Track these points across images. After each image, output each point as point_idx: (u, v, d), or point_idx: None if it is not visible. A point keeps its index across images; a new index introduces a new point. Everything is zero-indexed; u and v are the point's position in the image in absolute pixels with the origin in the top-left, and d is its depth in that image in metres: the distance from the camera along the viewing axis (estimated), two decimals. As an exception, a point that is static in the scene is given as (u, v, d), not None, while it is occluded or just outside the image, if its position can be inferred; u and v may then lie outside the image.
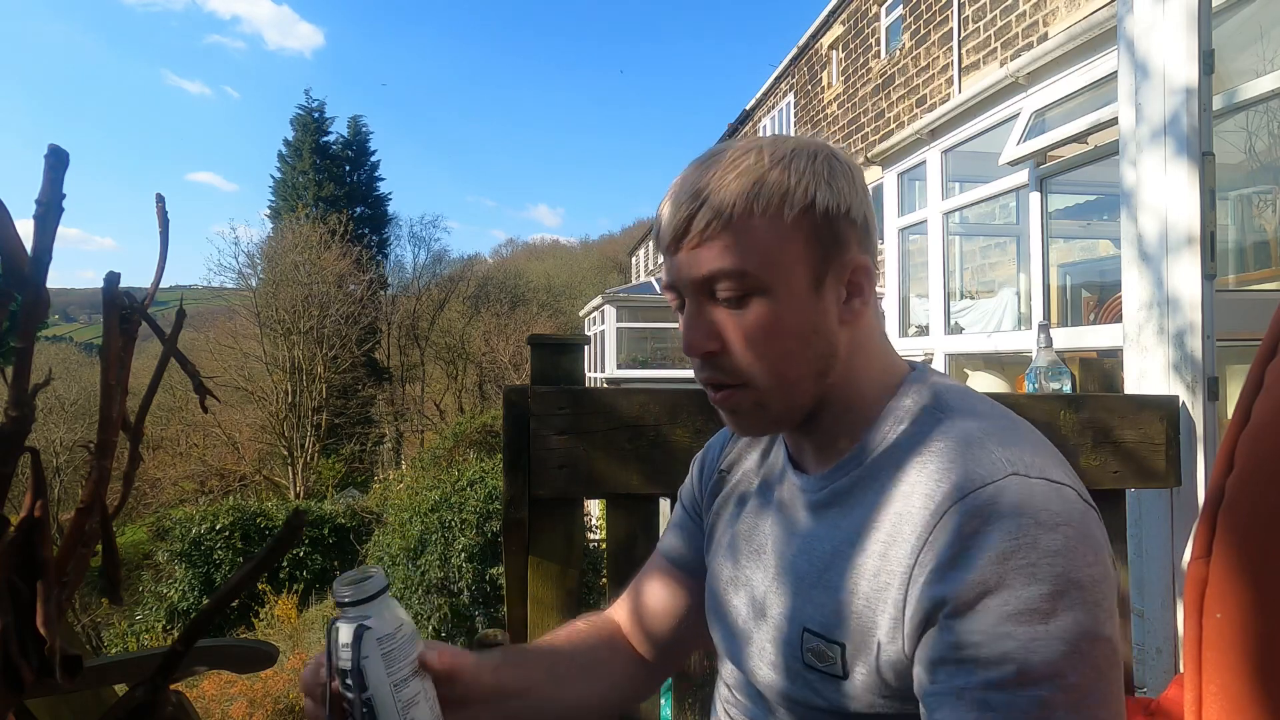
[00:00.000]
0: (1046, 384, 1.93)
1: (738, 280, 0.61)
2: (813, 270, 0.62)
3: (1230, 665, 0.39)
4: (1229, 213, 3.35)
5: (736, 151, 0.63)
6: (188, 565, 10.98)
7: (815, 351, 0.64)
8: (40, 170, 0.23)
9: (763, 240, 0.61)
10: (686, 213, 0.62)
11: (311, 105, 27.92)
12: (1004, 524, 0.53)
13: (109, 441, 0.25)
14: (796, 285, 0.62)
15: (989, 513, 0.54)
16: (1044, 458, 0.58)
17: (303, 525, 0.24)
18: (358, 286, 22.77)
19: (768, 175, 0.61)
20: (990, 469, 0.56)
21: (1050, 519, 0.53)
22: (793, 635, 0.65)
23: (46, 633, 0.23)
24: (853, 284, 0.65)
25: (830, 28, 13.08)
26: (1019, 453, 0.57)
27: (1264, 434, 0.40)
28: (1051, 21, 7.58)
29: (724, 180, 0.61)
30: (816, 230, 0.62)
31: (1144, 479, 1.44)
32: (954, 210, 5.27)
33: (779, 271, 0.61)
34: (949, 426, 0.61)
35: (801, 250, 0.62)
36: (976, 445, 0.58)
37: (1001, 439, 0.59)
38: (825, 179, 0.62)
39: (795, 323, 0.63)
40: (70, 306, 74.38)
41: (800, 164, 0.62)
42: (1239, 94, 2.72)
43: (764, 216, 0.61)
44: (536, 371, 1.24)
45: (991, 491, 0.54)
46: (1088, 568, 0.52)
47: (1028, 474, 0.55)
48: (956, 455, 0.58)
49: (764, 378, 0.64)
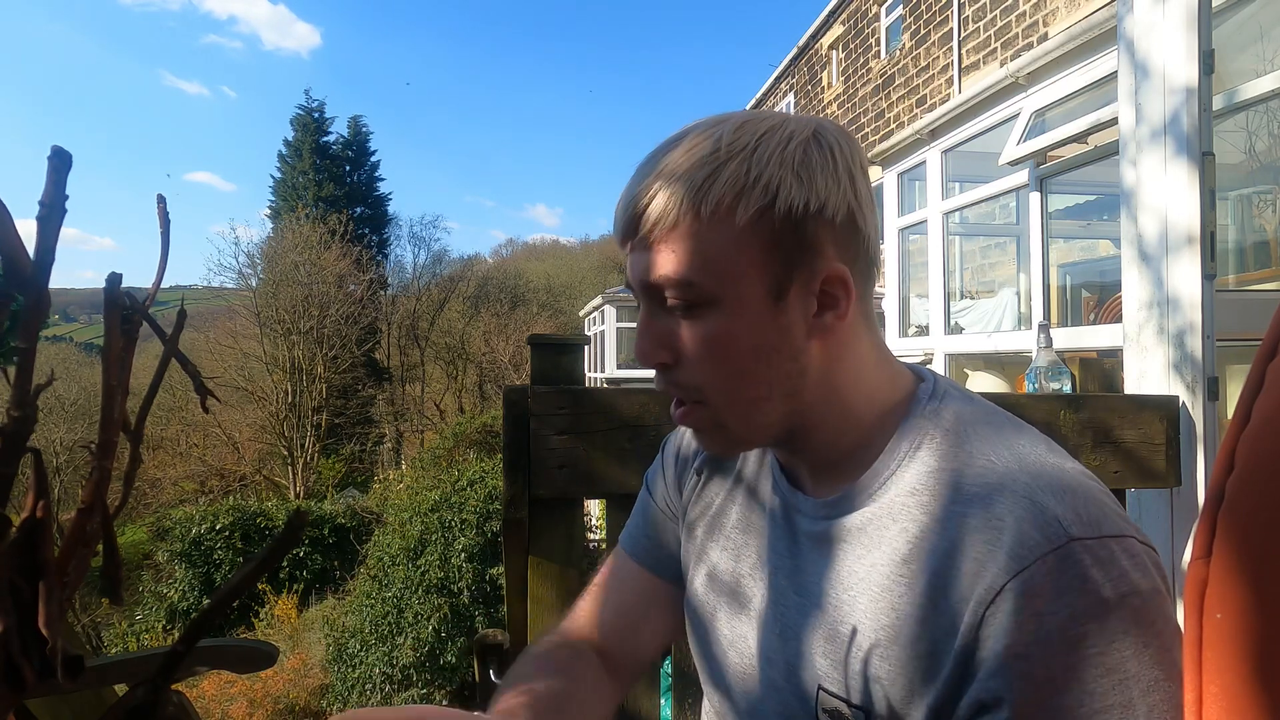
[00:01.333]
0: (1046, 384, 1.94)
1: (683, 290, 0.54)
2: (772, 280, 0.53)
3: (1230, 665, 0.39)
4: (1229, 213, 3.35)
5: (696, 136, 0.54)
6: (188, 565, 10.98)
7: (778, 370, 0.55)
8: (38, 170, 0.23)
9: (711, 246, 0.52)
10: (631, 211, 0.55)
11: (311, 105, 27.94)
12: (1066, 607, 0.45)
13: (110, 442, 0.25)
14: (751, 297, 0.53)
15: (1048, 594, 0.45)
16: (1099, 500, 0.50)
17: (304, 525, 0.24)
18: (358, 286, 22.78)
19: (722, 169, 0.52)
20: (1046, 532, 0.47)
21: (1118, 590, 0.45)
22: (804, 690, 0.57)
23: (48, 633, 0.23)
24: (825, 295, 0.55)
25: (830, 28, 13.08)
26: (1073, 503, 0.49)
27: (1264, 434, 0.40)
28: (1051, 21, 7.58)
29: (674, 175, 0.53)
30: (776, 234, 0.52)
31: (1144, 479, 1.44)
32: (954, 210, 5.28)
33: (729, 282, 0.53)
34: (982, 464, 0.52)
35: (758, 257, 0.53)
36: (1024, 497, 0.49)
37: (1051, 485, 0.50)
38: (793, 171, 0.52)
39: (750, 339, 0.54)
40: (70, 306, 74.40)
41: (764, 153, 0.52)
42: (1239, 94, 2.72)
43: (714, 219, 0.52)
44: (536, 371, 1.24)
45: (1052, 563, 0.46)
46: (1168, 638, 0.46)
47: (1086, 535, 0.47)
48: (1006, 511, 0.49)
49: (719, 396, 0.56)
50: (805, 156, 0.53)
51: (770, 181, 0.52)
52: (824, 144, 0.54)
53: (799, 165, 0.53)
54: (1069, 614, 0.45)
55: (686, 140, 0.54)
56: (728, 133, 0.53)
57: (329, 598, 11.01)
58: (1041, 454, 0.53)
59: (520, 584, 1.23)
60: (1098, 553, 0.46)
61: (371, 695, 7.34)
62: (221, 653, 0.43)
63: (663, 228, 0.53)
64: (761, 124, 0.54)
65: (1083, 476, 0.52)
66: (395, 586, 7.77)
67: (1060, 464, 0.53)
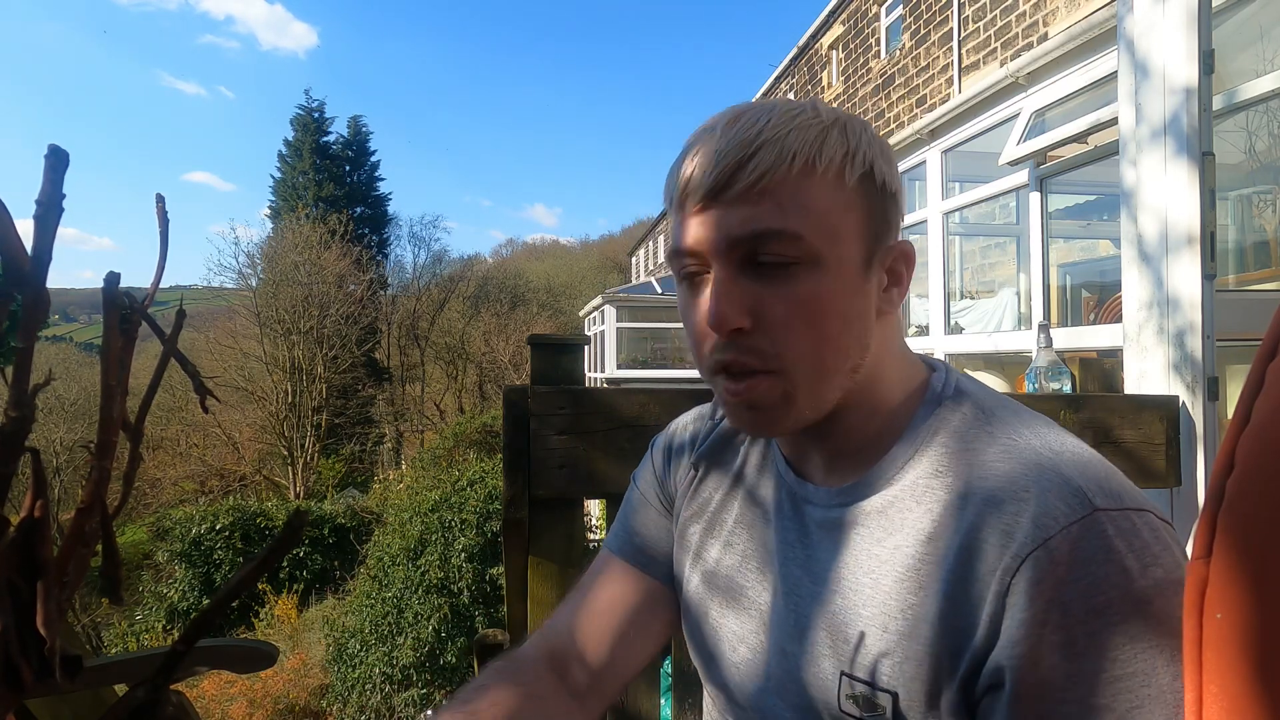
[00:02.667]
0: (1046, 384, 1.94)
1: (791, 244, 0.51)
2: (865, 247, 0.54)
3: (1230, 666, 0.39)
4: (1229, 213, 3.35)
5: (787, 104, 0.54)
6: (188, 565, 10.98)
7: (857, 342, 0.55)
8: (37, 171, 0.23)
9: (824, 202, 0.52)
10: (736, 159, 0.51)
11: (311, 105, 27.95)
12: (1088, 575, 0.45)
13: (109, 442, 0.25)
14: (850, 260, 0.53)
15: (1071, 562, 0.46)
16: (1118, 476, 0.50)
17: (304, 525, 0.24)
18: (358, 286, 22.78)
19: (829, 132, 0.53)
20: (1070, 502, 0.47)
21: (1141, 561, 0.46)
22: (824, 680, 0.55)
23: (47, 633, 0.23)
24: (893, 271, 0.57)
25: (830, 28, 13.08)
26: (1095, 476, 0.49)
27: (1264, 434, 0.40)
28: (1051, 21, 7.58)
29: (783, 130, 0.52)
30: (873, 204, 0.54)
31: (1144, 479, 1.44)
32: (954, 210, 5.28)
33: (836, 241, 0.52)
34: (1004, 444, 0.53)
35: (860, 222, 0.54)
36: (1049, 469, 0.49)
37: (1073, 461, 0.50)
38: (880, 150, 0.55)
39: (842, 304, 0.53)
40: (70, 306, 74.38)
41: (855, 129, 0.54)
42: (1239, 94, 2.72)
43: (826, 176, 0.52)
44: (536, 371, 1.24)
45: (1076, 533, 0.46)
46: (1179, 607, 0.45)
47: (1109, 506, 0.47)
48: (1030, 484, 0.49)
49: (800, 363, 0.53)
50: (883, 142, 0.57)
51: (867, 153, 0.54)
52: (886, 143, 0.58)
53: (882, 146, 0.56)
54: (1091, 581, 0.45)
55: (780, 107, 0.54)
56: (819, 105, 0.55)
57: (329, 598, 11.01)
58: (1060, 435, 0.54)
59: (520, 584, 1.23)
60: (1120, 523, 0.46)
61: (371, 695, 7.34)
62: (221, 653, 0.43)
63: (773, 179, 0.51)
64: (829, 108, 0.56)
65: (1099, 456, 0.52)
66: (395, 586, 7.77)
67: (1078, 444, 0.53)
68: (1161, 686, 0.44)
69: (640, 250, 32.30)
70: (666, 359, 14.25)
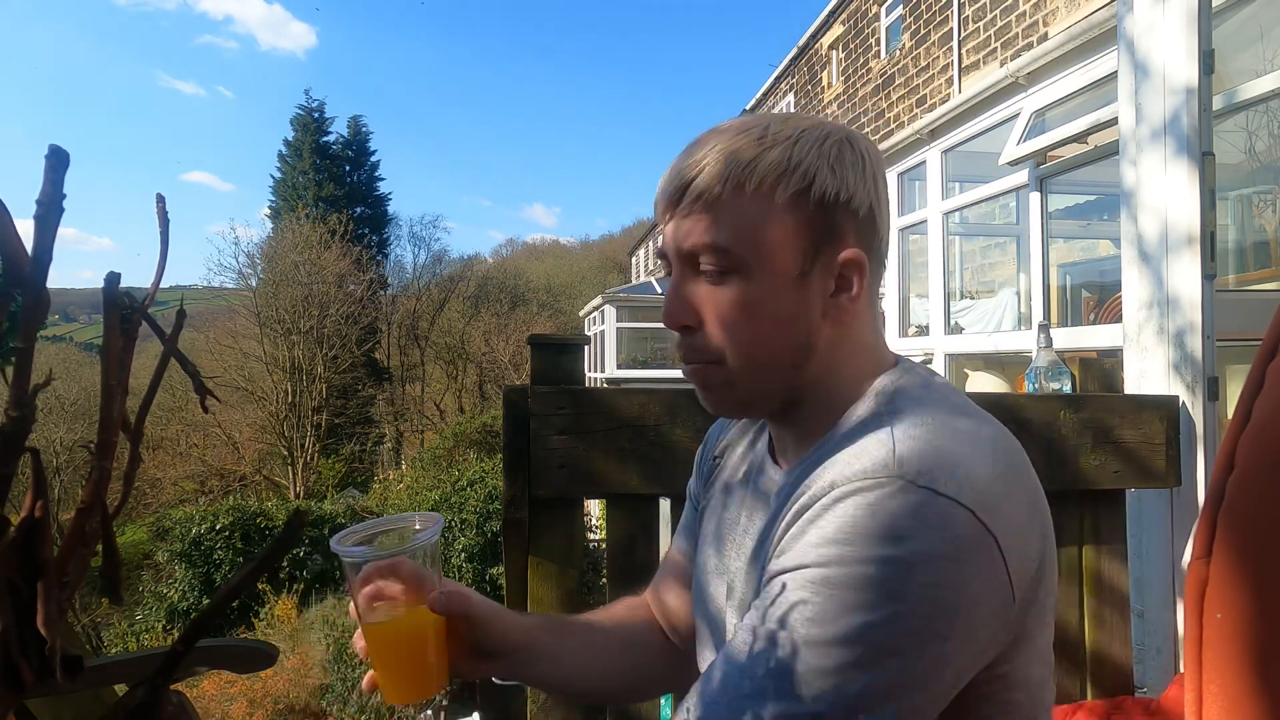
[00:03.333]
0: (1046, 384, 1.93)
1: (719, 256, 0.60)
2: (800, 257, 0.60)
3: (1230, 665, 0.39)
4: (1229, 213, 3.35)
5: (745, 124, 0.61)
6: (188, 565, 10.97)
7: (792, 341, 0.62)
8: (36, 170, 0.23)
9: (750, 219, 0.59)
10: (679, 182, 0.61)
11: (311, 105, 27.95)
12: (846, 515, 0.52)
13: (109, 442, 0.25)
14: (779, 269, 0.60)
15: (840, 501, 0.52)
16: (952, 468, 0.52)
17: (304, 525, 0.24)
18: (358, 286, 22.78)
19: (767, 153, 0.59)
20: (876, 468, 0.53)
21: (903, 530, 0.50)
22: (728, 628, 0.66)
23: (47, 633, 0.23)
24: (842, 277, 0.62)
25: (830, 28, 13.08)
26: (925, 459, 0.53)
27: (1264, 434, 0.40)
28: (1051, 21, 7.58)
29: (722, 153, 0.59)
30: (809, 216, 0.60)
31: (1144, 479, 1.44)
32: (954, 210, 5.28)
33: (762, 252, 0.59)
34: (885, 426, 0.58)
35: (790, 234, 0.60)
36: (885, 447, 0.54)
37: (919, 443, 0.54)
38: (830, 164, 0.59)
39: (773, 307, 0.61)
40: (70, 306, 74.37)
41: (805, 145, 0.59)
42: (1239, 94, 2.72)
43: (755, 195, 0.59)
44: (536, 371, 1.24)
45: (861, 486, 0.52)
46: (923, 587, 0.50)
47: (914, 480, 0.51)
48: (861, 453, 0.55)
49: (735, 358, 0.62)
50: (839, 153, 0.60)
51: (809, 169, 0.59)
52: (856, 147, 0.62)
53: (834, 159, 0.60)
54: (842, 520, 0.51)
55: (735, 127, 0.61)
56: (775, 124, 0.61)
57: (329, 598, 11.00)
58: (941, 427, 0.56)
59: (520, 584, 1.23)
60: (911, 496, 0.51)
61: (372, 695, 7.33)
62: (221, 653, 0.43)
63: (708, 198, 0.60)
64: (804, 121, 0.61)
65: (969, 448, 0.55)
66: (395, 586, 7.76)
67: (958, 435, 0.56)
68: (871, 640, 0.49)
69: (640, 250, 32.30)
70: (666, 359, 14.25)
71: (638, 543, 1.26)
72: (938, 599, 0.50)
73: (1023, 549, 0.54)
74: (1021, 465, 0.58)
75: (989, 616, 0.52)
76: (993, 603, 0.52)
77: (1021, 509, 0.55)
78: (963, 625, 0.51)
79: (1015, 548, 0.53)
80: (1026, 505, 0.56)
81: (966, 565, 0.51)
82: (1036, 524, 0.57)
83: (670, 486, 1.21)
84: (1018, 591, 0.53)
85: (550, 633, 0.77)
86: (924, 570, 0.50)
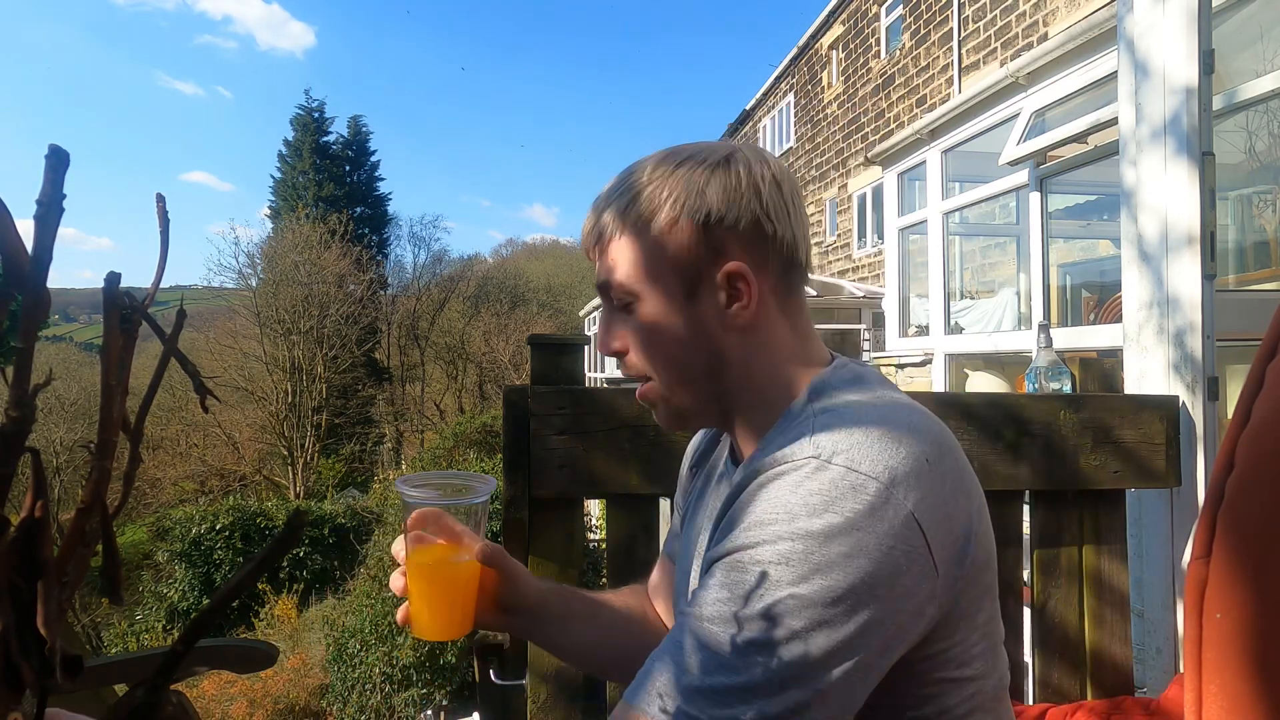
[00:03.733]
0: (1046, 384, 1.94)
1: (620, 290, 0.67)
2: (685, 280, 0.65)
3: (1230, 665, 0.39)
4: (1229, 213, 3.35)
5: (638, 166, 0.68)
6: (188, 565, 10.98)
7: (699, 356, 0.67)
8: (35, 171, 0.23)
9: (634, 254, 0.66)
10: (587, 226, 0.69)
11: (311, 105, 27.95)
12: (774, 497, 0.55)
13: (109, 441, 0.25)
14: (667, 295, 0.66)
15: (767, 487, 0.57)
16: (867, 448, 0.56)
17: (303, 525, 0.24)
18: (358, 286, 22.78)
19: (643, 191, 0.65)
20: (794, 452, 0.57)
21: (820, 504, 0.54)
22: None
23: (47, 633, 0.23)
24: (732, 290, 0.65)
25: (830, 28, 13.08)
26: (839, 440, 0.57)
27: (1264, 434, 0.40)
28: (1051, 21, 7.58)
29: (609, 199, 0.67)
30: (686, 242, 0.64)
31: (1144, 479, 1.44)
32: (954, 210, 5.28)
33: (649, 283, 0.66)
34: (808, 416, 0.62)
35: (671, 262, 0.65)
36: (804, 434, 0.59)
37: (833, 430, 0.58)
38: (700, 189, 0.64)
39: (671, 329, 0.66)
40: (70, 306, 74.33)
41: (679, 176, 0.64)
42: (1239, 94, 2.72)
43: (636, 232, 0.65)
44: (536, 371, 1.24)
45: (781, 470, 0.57)
46: (843, 557, 0.53)
47: (830, 460, 0.55)
48: (784, 441, 0.60)
49: (658, 375, 0.69)
50: (710, 177, 0.65)
51: (679, 200, 0.64)
52: (732, 166, 0.65)
53: (705, 184, 0.64)
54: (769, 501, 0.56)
55: (630, 171, 0.68)
56: (652, 163, 0.67)
57: (329, 598, 11.00)
58: (873, 408, 0.61)
59: (520, 584, 1.23)
60: (824, 473, 0.55)
61: (371, 695, 7.34)
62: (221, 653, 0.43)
63: (603, 242, 0.68)
64: (681, 154, 0.66)
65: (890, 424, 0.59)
66: (395, 587, 7.76)
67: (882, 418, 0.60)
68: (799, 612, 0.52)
69: (640, 250, 32.24)
70: (666, 359, 14.22)
71: (638, 543, 1.26)
72: (858, 568, 0.53)
73: (944, 524, 0.56)
74: (943, 448, 0.60)
75: (913, 586, 0.55)
76: (913, 572, 0.54)
77: (941, 486, 0.57)
78: (885, 592, 0.53)
79: (933, 522, 0.55)
80: (947, 484, 0.58)
81: (883, 536, 0.53)
82: (960, 503, 0.59)
83: (670, 486, 1.21)
84: (941, 565, 0.56)
85: (561, 600, 0.84)
86: (842, 540, 0.53)
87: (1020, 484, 1.37)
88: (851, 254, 12.28)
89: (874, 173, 9.72)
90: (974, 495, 0.62)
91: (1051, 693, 1.37)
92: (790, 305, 0.69)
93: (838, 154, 12.77)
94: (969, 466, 0.63)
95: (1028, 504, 1.44)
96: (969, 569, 0.59)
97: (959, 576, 0.58)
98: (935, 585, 0.56)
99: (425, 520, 0.76)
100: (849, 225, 12.34)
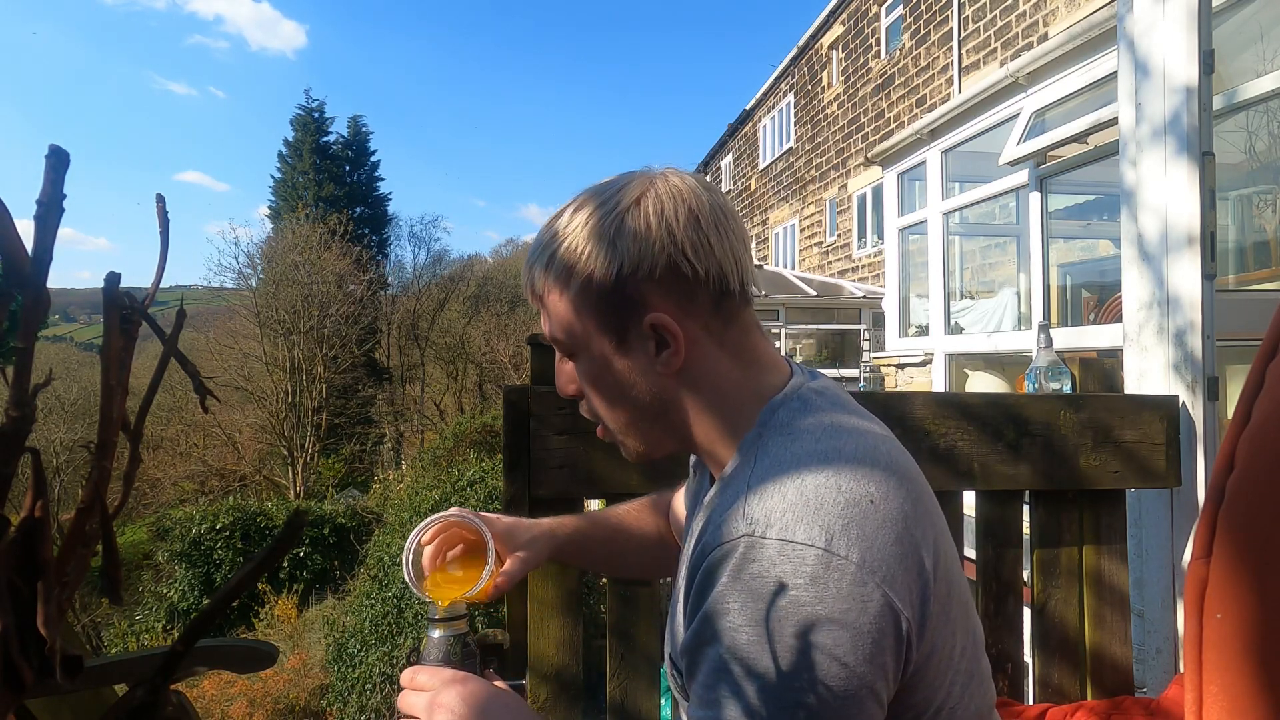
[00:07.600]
0: (1046, 384, 1.93)
1: (557, 344, 0.69)
2: (611, 333, 0.65)
3: (1230, 665, 0.39)
4: (1229, 213, 3.35)
5: (558, 216, 0.67)
6: (188, 565, 10.97)
7: (640, 401, 0.67)
8: (33, 171, 0.23)
9: (562, 310, 0.66)
10: (524, 280, 0.70)
11: (311, 105, 27.92)
12: (719, 587, 0.55)
13: (109, 441, 0.25)
14: (597, 349, 0.66)
15: (713, 576, 0.56)
16: (801, 510, 0.55)
17: (303, 525, 0.24)
18: (358, 286, 22.74)
19: (560, 247, 0.64)
20: (731, 529, 0.57)
21: (762, 587, 0.53)
22: (668, 653, 0.71)
23: (47, 633, 0.23)
24: (659, 338, 0.64)
25: (830, 28, 13.08)
26: (771, 506, 0.56)
27: (1264, 434, 0.40)
28: (1051, 21, 7.58)
29: (532, 256, 0.68)
30: (599, 303, 0.64)
31: (1144, 479, 1.44)
32: (954, 210, 5.28)
33: (579, 338, 0.66)
34: (746, 475, 0.60)
35: (593, 318, 0.65)
36: (739, 501, 0.58)
37: (766, 491, 0.57)
38: (610, 240, 0.62)
39: (608, 378, 0.67)
40: (70, 306, 74.35)
41: (590, 229, 0.63)
42: (1239, 94, 2.72)
43: (559, 288, 0.65)
44: (536, 371, 1.24)
45: (722, 553, 0.56)
46: (797, 637, 0.52)
47: (764, 535, 0.54)
48: (725, 511, 0.59)
49: (606, 420, 0.70)
50: (620, 227, 0.62)
51: (590, 254, 0.63)
52: (641, 209, 0.63)
53: (614, 237, 0.62)
54: (717, 594, 0.55)
55: (548, 221, 0.68)
56: (569, 212, 0.66)
57: (329, 598, 11.00)
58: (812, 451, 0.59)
59: (520, 583, 1.23)
60: (761, 549, 0.54)
61: (371, 695, 7.33)
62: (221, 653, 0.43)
63: (537, 296, 0.68)
64: (595, 199, 0.64)
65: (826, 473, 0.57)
66: (395, 586, 7.76)
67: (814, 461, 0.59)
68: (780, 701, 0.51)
69: (640, 250, 32.25)
70: (666, 359, 14.22)
71: (638, 543, 1.26)
72: (819, 645, 0.51)
73: (899, 563, 0.55)
74: (890, 480, 0.58)
75: (879, 638, 0.53)
76: (883, 624, 0.53)
77: (889, 526, 0.55)
78: (863, 655, 0.52)
79: (883, 565, 0.54)
80: (898, 521, 0.56)
81: (833, 601, 0.52)
82: (914, 535, 0.56)
83: (670, 486, 1.21)
84: (906, 610, 0.54)
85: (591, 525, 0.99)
86: (792, 621, 0.52)
87: (1020, 484, 1.37)
88: (851, 254, 12.28)
89: (874, 173, 9.71)
90: (932, 523, 0.59)
91: (1051, 692, 1.37)
92: (729, 336, 0.66)
93: (838, 154, 12.77)
94: (926, 490, 0.61)
95: (1028, 504, 1.44)
96: (933, 606, 0.57)
97: (927, 616, 0.56)
98: (901, 627, 0.54)
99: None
100: (849, 225, 12.34)
